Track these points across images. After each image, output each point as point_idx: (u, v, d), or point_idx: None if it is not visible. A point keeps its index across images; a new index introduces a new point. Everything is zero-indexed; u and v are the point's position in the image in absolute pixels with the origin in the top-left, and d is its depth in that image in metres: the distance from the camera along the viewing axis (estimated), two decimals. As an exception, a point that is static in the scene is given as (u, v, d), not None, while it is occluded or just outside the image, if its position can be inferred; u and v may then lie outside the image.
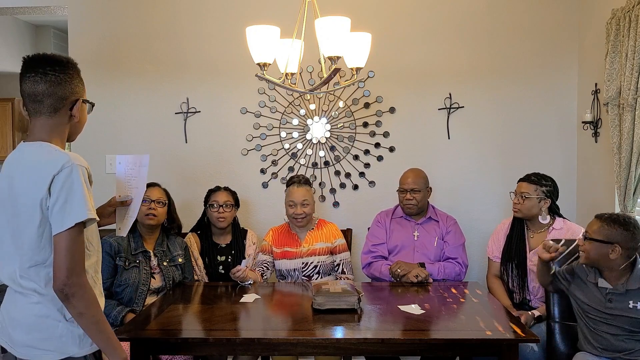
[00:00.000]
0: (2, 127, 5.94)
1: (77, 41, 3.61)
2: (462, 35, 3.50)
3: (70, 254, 1.47)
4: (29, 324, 1.53)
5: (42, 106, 1.58)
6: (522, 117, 3.50)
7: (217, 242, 3.09)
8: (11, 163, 1.58)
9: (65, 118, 1.61)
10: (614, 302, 2.17)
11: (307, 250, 2.98)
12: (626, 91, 2.62)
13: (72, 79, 1.61)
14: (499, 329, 2.08)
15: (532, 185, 2.78)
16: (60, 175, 1.48)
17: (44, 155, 1.53)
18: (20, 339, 1.54)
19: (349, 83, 2.47)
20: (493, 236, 2.98)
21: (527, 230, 2.84)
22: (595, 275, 2.24)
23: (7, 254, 1.57)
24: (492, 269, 2.93)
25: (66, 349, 1.54)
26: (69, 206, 1.47)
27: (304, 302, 2.46)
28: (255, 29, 2.21)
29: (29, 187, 1.50)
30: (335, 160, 3.59)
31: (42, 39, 6.16)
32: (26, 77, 1.57)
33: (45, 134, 1.59)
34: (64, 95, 1.59)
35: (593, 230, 2.19)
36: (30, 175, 1.51)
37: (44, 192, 1.48)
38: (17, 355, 1.55)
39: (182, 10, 3.59)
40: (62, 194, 1.47)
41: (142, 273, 2.62)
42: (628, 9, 2.64)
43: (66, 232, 1.46)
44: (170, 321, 2.21)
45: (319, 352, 2.21)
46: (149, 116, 3.63)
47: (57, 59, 1.61)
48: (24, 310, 1.54)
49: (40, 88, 1.56)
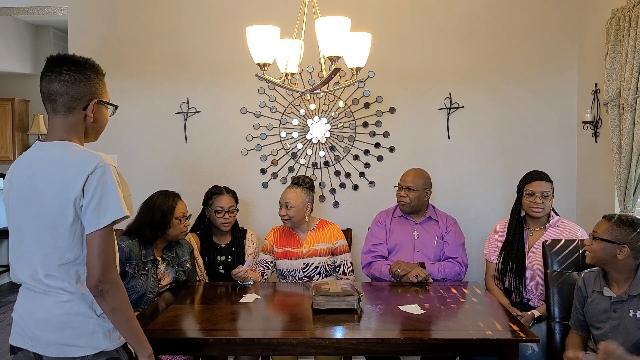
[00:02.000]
0: (2, 127, 5.94)
1: (77, 41, 3.61)
2: (462, 35, 3.50)
3: (104, 251, 1.50)
4: (60, 322, 1.55)
5: (56, 105, 1.59)
6: (522, 117, 3.51)
7: (217, 242, 3.09)
8: (32, 162, 1.58)
9: (80, 118, 1.62)
10: (618, 311, 2.14)
11: (308, 251, 2.98)
12: (626, 91, 2.62)
13: (89, 80, 1.62)
14: (499, 329, 2.08)
15: (549, 183, 2.78)
16: (95, 175, 1.50)
17: (73, 154, 1.55)
18: (51, 338, 1.55)
19: (349, 83, 2.47)
20: (489, 237, 2.98)
21: (526, 229, 2.84)
22: (601, 284, 2.21)
23: (28, 254, 1.57)
24: (489, 270, 2.94)
25: (98, 344, 1.57)
26: (104, 205, 1.50)
27: (304, 302, 2.46)
28: (255, 29, 2.21)
29: (58, 185, 1.51)
30: (335, 160, 3.59)
31: (42, 39, 6.17)
32: (44, 77, 1.60)
33: (64, 133, 1.60)
34: (78, 95, 1.59)
35: (602, 230, 2.18)
36: (60, 174, 1.52)
37: (77, 191, 1.50)
38: (47, 354, 1.56)
39: (182, 11, 3.59)
40: (97, 193, 1.50)
41: (150, 281, 2.58)
42: (628, 9, 2.64)
43: (100, 230, 1.50)
44: (170, 321, 2.21)
45: (319, 352, 2.21)
46: (149, 116, 3.63)
47: (75, 60, 1.62)
48: (53, 309, 1.55)
49: (54, 87, 1.58)
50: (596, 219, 2.27)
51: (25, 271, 1.58)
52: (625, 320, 2.12)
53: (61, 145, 1.58)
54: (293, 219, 2.95)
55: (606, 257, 2.16)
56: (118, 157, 3.62)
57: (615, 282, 2.18)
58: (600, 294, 2.20)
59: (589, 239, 2.24)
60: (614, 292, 2.16)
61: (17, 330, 1.61)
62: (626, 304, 2.13)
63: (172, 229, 2.66)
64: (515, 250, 2.79)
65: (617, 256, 2.12)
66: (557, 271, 2.49)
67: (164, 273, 2.68)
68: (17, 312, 1.62)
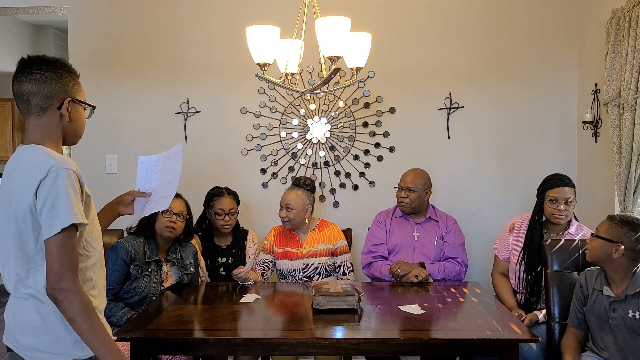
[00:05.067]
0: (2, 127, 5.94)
1: (77, 41, 3.61)
2: (462, 35, 3.50)
3: (59, 259, 1.45)
4: (36, 327, 1.53)
5: (30, 106, 1.56)
6: (522, 117, 3.50)
7: (218, 244, 3.09)
8: (10, 167, 1.57)
9: (55, 118, 1.58)
10: (617, 311, 2.14)
11: (308, 251, 2.98)
12: (626, 91, 2.62)
13: (61, 78, 1.58)
14: (499, 328, 2.08)
15: (572, 188, 2.70)
16: (47, 180, 1.46)
17: (35, 158, 1.51)
18: (28, 342, 1.54)
19: (349, 83, 2.47)
20: (502, 234, 2.93)
21: (545, 232, 2.77)
22: (602, 283, 2.21)
23: (7, 260, 1.56)
24: (498, 267, 2.90)
25: (71, 352, 1.53)
26: (54, 211, 1.45)
27: (304, 302, 2.46)
28: (255, 29, 2.21)
29: (22, 191, 1.49)
30: (335, 160, 3.59)
31: (42, 39, 6.17)
32: (15, 79, 1.57)
33: (38, 136, 1.57)
34: (50, 93, 1.56)
35: (603, 229, 2.19)
36: (23, 180, 1.49)
37: (31, 196, 1.46)
38: (26, 357, 1.55)
39: (182, 11, 3.59)
40: (49, 199, 1.45)
41: (153, 282, 2.58)
42: (628, 9, 2.64)
43: (54, 237, 1.45)
44: (170, 321, 2.21)
45: (319, 352, 2.22)
46: (149, 116, 3.63)
47: (45, 59, 1.59)
48: (30, 314, 1.54)
49: (25, 87, 1.55)
50: (596, 219, 2.28)
51: (8, 277, 1.58)
52: (625, 320, 2.12)
53: (30, 149, 1.54)
54: (293, 221, 2.94)
55: (602, 255, 2.17)
56: (118, 157, 3.62)
57: (614, 281, 2.18)
58: (600, 292, 2.20)
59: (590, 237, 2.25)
60: (614, 292, 2.16)
61: (6, 331, 1.61)
62: (625, 304, 2.13)
63: (157, 222, 2.64)
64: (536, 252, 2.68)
65: (612, 255, 2.13)
66: (557, 271, 2.49)
67: (167, 274, 2.68)
68: (6, 314, 1.62)
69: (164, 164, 1.96)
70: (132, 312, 2.51)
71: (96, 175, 3.60)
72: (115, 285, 2.52)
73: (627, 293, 2.12)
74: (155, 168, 1.96)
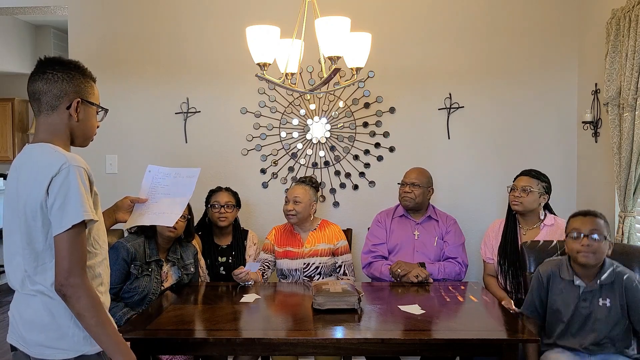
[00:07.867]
0: (2, 127, 5.95)
1: (77, 41, 3.61)
2: (462, 35, 3.50)
3: (69, 254, 1.47)
4: (43, 324, 1.54)
5: (40, 104, 1.60)
6: (522, 117, 3.51)
7: (218, 244, 3.09)
8: (18, 165, 1.59)
9: (63, 117, 1.61)
10: (587, 300, 2.20)
11: (309, 251, 2.98)
12: (626, 91, 2.62)
13: (72, 79, 1.61)
14: (499, 329, 2.08)
15: (534, 179, 2.80)
16: (58, 177, 1.48)
17: (45, 156, 1.53)
18: (35, 339, 1.55)
19: (349, 83, 2.47)
20: (484, 238, 3.00)
21: (520, 227, 2.85)
22: (570, 273, 2.24)
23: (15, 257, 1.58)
24: (486, 269, 2.97)
25: (79, 348, 1.55)
26: (66, 208, 1.48)
27: (305, 302, 2.46)
28: (255, 29, 2.21)
29: (32, 188, 1.51)
30: (335, 160, 3.59)
31: (42, 39, 6.17)
32: (30, 78, 1.61)
33: (47, 134, 1.60)
34: (60, 93, 1.59)
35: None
36: (33, 177, 1.52)
37: (43, 193, 1.49)
38: (32, 354, 1.56)
39: (182, 11, 3.59)
40: (60, 196, 1.48)
41: (153, 282, 2.58)
42: (628, 9, 2.64)
43: (64, 233, 1.47)
44: (170, 321, 2.21)
45: (319, 352, 2.22)
46: (149, 116, 3.63)
47: (60, 60, 1.62)
48: (38, 311, 1.54)
49: (37, 86, 1.59)
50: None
51: (14, 274, 1.59)
52: (595, 309, 2.18)
53: (39, 147, 1.57)
54: (299, 214, 2.94)
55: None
56: (118, 157, 3.62)
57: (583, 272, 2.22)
58: (570, 283, 2.24)
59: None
60: (585, 282, 2.21)
61: (11, 329, 1.62)
62: (596, 292, 2.19)
63: None
64: (509, 250, 2.79)
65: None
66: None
67: (167, 274, 2.68)
68: (11, 311, 1.63)
69: (174, 180, 1.99)
70: (132, 312, 2.51)
71: (96, 175, 3.48)
72: (115, 285, 2.52)
73: (602, 282, 2.18)
74: (163, 181, 2.00)
